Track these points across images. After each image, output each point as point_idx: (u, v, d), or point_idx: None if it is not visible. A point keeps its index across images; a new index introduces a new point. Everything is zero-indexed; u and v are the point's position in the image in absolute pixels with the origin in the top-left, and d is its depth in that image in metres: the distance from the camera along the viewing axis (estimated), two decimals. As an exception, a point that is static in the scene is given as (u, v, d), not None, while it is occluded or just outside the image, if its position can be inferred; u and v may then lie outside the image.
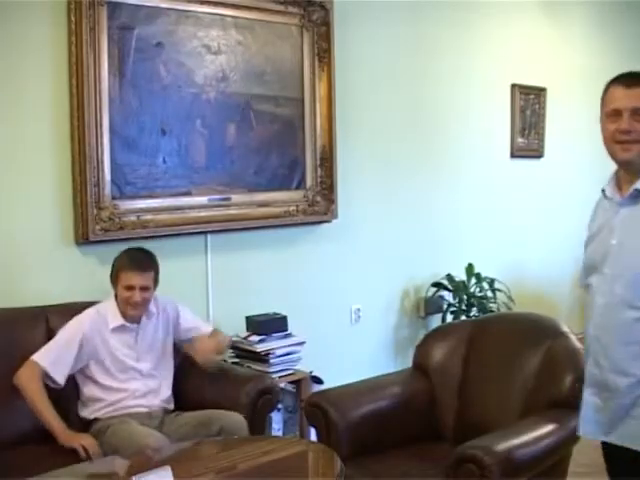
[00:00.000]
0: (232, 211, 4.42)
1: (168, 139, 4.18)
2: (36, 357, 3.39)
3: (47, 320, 3.62)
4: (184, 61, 4.24)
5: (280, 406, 4.24)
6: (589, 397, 2.56)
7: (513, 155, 6.34)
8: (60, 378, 3.41)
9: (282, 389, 4.19)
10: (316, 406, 3.50)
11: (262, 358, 4.24)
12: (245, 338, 4.32)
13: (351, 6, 5.01)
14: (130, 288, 3.51)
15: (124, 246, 3.88)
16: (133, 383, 3.55)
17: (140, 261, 3.56)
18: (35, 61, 3.79)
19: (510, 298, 5.58)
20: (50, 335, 3.56)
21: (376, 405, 3.55)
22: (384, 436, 3.50)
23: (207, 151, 4.34)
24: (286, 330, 4.41)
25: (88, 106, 3.85)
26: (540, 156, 6.57)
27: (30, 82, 3.78)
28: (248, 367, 4.21)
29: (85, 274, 3.95)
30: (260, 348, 4.25)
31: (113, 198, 3.98)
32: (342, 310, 5.15)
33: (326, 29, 4.81)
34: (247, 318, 4.41)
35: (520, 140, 6.39)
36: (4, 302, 3.60)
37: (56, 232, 3.89)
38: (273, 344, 4.29)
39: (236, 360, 4.31)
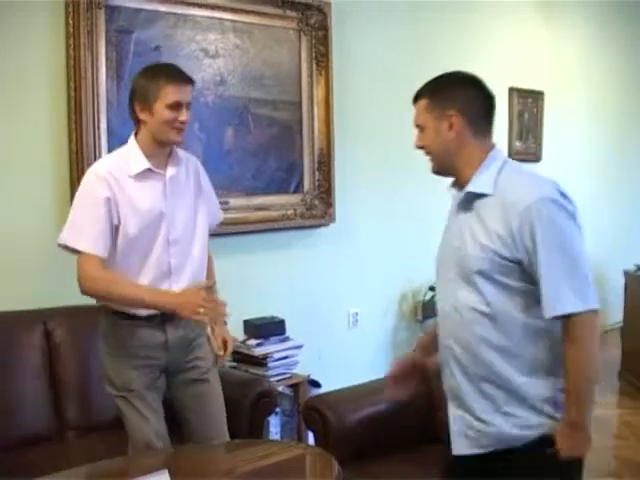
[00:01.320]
0: (230, 215, 4.42)
1: (166, 142, 4.19)
2: (81, 246, 2.90)
3: (45, 323, 3.63)
4: (182, 65, 4.19)
5: (278, 410, 4.24)
6: (455, 410, 2.45)
7: (511, 159, 6.34)
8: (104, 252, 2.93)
9: (280, 393, 4.20)
10: (314, 410, 3.51)
11: (260, 362, 4.24)
12: (243, 342, 4.33)
13: (349, 10, 5.03)
14: (176, 106, 2.93)
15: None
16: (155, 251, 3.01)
17: (181, 71, 3.01)
18: (33, 64, 3.80)
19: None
20: (49, 339, 3.57)
21: (374, 408, 3.54)
22: (382, 440, 3.50)
23: (205, 155, 4.34)
24: (284, 334, 4.42)
25: (86, 109, 3.86)
26: (538, 160, 6.60)
27: (28, 85, 3.79)
28: (246, 371, 4.22)
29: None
30: (258, 352, 4.26)
31: (111, 201, 3.97)
32: (340, 314, 5.16)
33: (324, 33, 4.83)
34: (245, 322, 4.42)
35: (518, 144, 6.42)
36: (0, 305, 3.61)
37: (54, 234, 3.87)
38: (271, 348, 4.30)
39: (234, 364, 4.31)
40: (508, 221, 2.31)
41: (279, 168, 4.73)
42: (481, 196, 2.46)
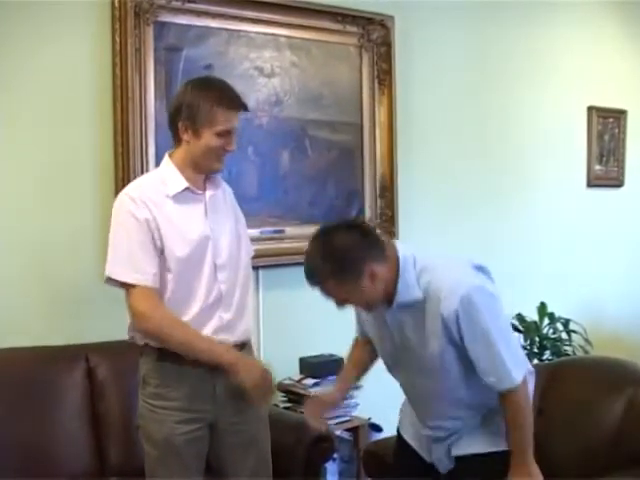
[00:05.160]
0: (285, 245, 4.41)
1: (217, 167, 4.20)
2: (133, 279, 2.80)
3: (87, 359, 3.64)
4: (235, 84, 4.17)
5: (336, 456, 4.19)
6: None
7: (590, 184, 6.27)
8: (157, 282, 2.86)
9: (338, 437, 4.15)
10: (375, 456, 3.47)
11: (317, 403, 4.21)
12: (298, 381, 4.30)
13: (413, 24, 5.01)
14: (226, 134, 2.87)
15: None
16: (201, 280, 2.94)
17: (235, 94, 2.93)
18: (77, 84, 3.84)
19: (587, 340, 5.48)
20: (90, 375, 3.58)
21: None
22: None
23: (259, 180, 4.35)
24: (342, 373, 4.38)
25: (133, 132, 3.89)
26: (620, 185, 6.49)
27: (72, 107, 3.83)
28: (301, 413, 4.18)
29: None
30: (314, 392, 4.21)
31: (159, 230, 3.99)
32: (403, 352, 5.10)
33: (386, 49, 4.82)
34: (301, 360, 4.39)
35: (598, 168, 6.31)
36: (43, 340, 3.63)
37: (97, 267, 3.90)
38: (328, 388, 4.26)
39: (288, 405, 4.28)
40: (442, 319, 2.66)
41: (338, 195, 4.71)
42: (412, 303, 2.71)
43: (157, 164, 3.92)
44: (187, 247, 2.86)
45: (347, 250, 2.65)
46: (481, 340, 2.65)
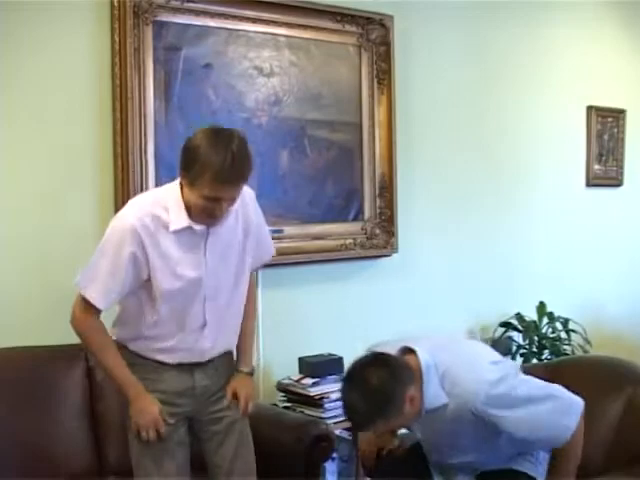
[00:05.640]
0: (284, 244, 4.41)
1: (217, 167, 4.20)
2: (88, 295, 2.86)
3: (86, 359, 3.64)
4: (234, 83, 4.28)
5: (335, 455, 4.20)
6: None
7: (589, 184, 6.26)
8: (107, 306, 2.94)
9: (338, 436, 4.16)
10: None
11: (316, 402, 4.20)
12: (297, 381, 4.30)
13: (412, 24, 5.01)
14: (214, 200, 2.76)
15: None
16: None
17: (239, 166, 2.73)
18: (76, 84, 3.85)
19: (586, 340, 5.49)
20: (90, 375, 3.59)
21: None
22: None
23: (258, 180, 4.33)
24: (342, 372, 4.37)
25: (132, 131, 3.89)
26: (619, 185, 6.48)
27: (72, 106, 3.84)
28: (301, 412, 4.19)
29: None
30: (314, 392, 4.22)
31: (158, 230, 3.99)
32: (402, 351, 5.10)
33: (386, 49, 4.82)
34: (300, 359, 4.39)
35: (597, 167, 6.31)
36: (42, 340, 3.63)
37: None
38: (328, 388, 4.26)
39: (287, 404, 4.28)
40: (471, 416, 2.81)
41: (337, 194, 4.71)
42: (440, 408, 2.86)
43: (156, 164, 3.96)
44: (177, 282, 2.89)
45: (385, 388, 2.77)
46: (523, 421, 2.82)
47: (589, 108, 6.21)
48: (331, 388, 4.25)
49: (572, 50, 6.07)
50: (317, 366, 4.33)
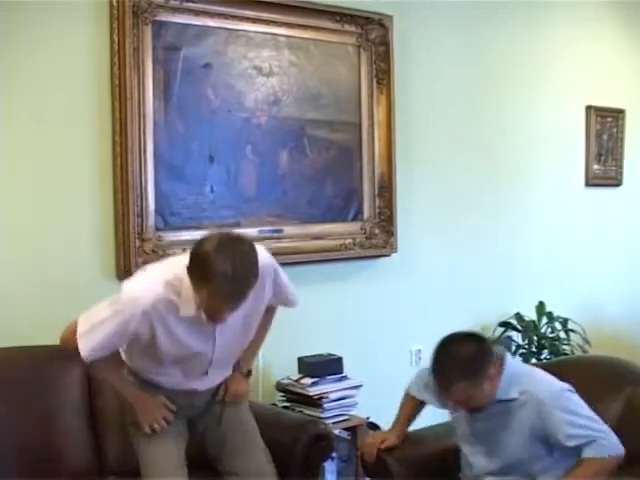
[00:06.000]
0: (284, 244, 4.42)
1: (216, 167, 4.21)
2: (82, 345, 2.88)
3: (85, 358, 3.64)
4: (234, 83, 4.28)
5: (334, 455, 4.20)
6: None
7: (588, 184, 6.27)
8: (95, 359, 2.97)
9: (337, 436, 4.16)
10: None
11: (315, 402, 4.21)
12: (297, 381, 4.30)
13: (411, 24, 5.01)
14: (217, 309, 2.79)
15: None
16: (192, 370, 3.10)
17: (240, 283, 2.72)
18: (75, 84, 3.85)
19: (585, 340, 5.49)
20: (88, 374, 3.58)
21: (440, 454, 3.47)
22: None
23: (258, 180, 4.35)
24: (341, 372, 4.38)
25: (131, 131, 3.89)
26: (618, 185, 6.49)
27: (70, 106, 3.84)
28: (300, 412, 4.19)
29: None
30: (313, 392, 4.22)
31: (157, 229, 4.01)
32: (402, 351, 5.11)
33: (385, 48, 4.82)
34: (299, 359, 4.39)
35: (596, 167, 6.32)
36: (40, 339, 3.63)
37: (96, 265, 3.93)
38: (327, 387, 4.27)
39: (287, 404, 4.29)
40: (537, 416, 3.04)
41: (337, 194, 4.71)
42: (508, 402, 3.10)
43: (155, 163, 3.97)
44: (181, 352, 2.96)
45: (476, 357, 3.04)
46: (579, 426, 3.02)
47: (588, 108, 6.22)
48: (330, 388, 4.27)
49: (571, 50, 6.08)
50: (316, 366, 4.33)
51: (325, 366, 4.35)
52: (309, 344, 4.48)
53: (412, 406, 3.54)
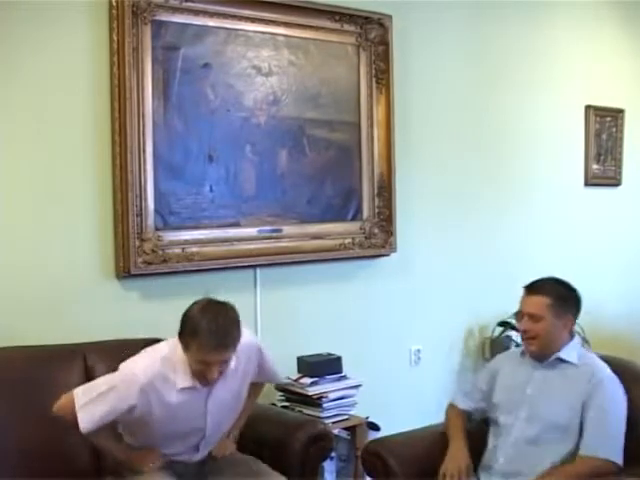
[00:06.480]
0: (283, 243, 4.42)
1: (215, 166, 4.21)
2: (80, 416, 3.05)
3: (85, 358, 3.63)
4: (233, 83, 4.28)
5: (334, 454, 4.20)
6: None
7: (587, 183, 6.27)
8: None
9: (336, 436, 4.16)
10: (375, 455, 3.44)
11: (314, 402, 4.21)
12: (296, 380, 4.30)
13: (411, 23, 5.02)
14: (206, 364, 3.00)
15: (167, 280, 3.94)
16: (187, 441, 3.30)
17: (223, 335, 2.97)
18: (74, 83, 3.84)
19: (585, 339, 5.48)
20: (88, 374, 3.58)
21: (441, 454, 3.43)
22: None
23: (257, 179, 4.35)
24: (340, 372, 4.38)
25: (131, 130, 3.89)
26: (617, 184, 6.49)
27: (69, 106, 3.84)
28: (299, 412, 4.19)
29: (126, 309, 3.98)
30: (312, 391, 4.22)
31: (156, 229, 4.01)
32: (401, 351, 5.11)
33: (384, 48, 4.82)
34: (298, 359, 4.39)
35: (595, 167, 6.32)
36: (39, 339, 3.63)
37: (95, 265, 3.93)
38: (326, 387, 4.27)
39: (286, 404, 4.29)
40: (589, 383, 3.24)
41: (336, 194, 4.71)
42: (566, 362, 3.34)
43: (155, 163, 3.97)
44: (174, 426, 3.16)
45: (571, 297, 3.49)
46: (606, 415, 3.17)
47: (587, 108, 6.22)
48: (330, 388, 4.26)
49: (571, 50, 6.08)
50: (316, 365, 4.33)
51: (324, 366, 4.35)
52: (308, 344, 4.48)
53: (458, 420, 3.58)
